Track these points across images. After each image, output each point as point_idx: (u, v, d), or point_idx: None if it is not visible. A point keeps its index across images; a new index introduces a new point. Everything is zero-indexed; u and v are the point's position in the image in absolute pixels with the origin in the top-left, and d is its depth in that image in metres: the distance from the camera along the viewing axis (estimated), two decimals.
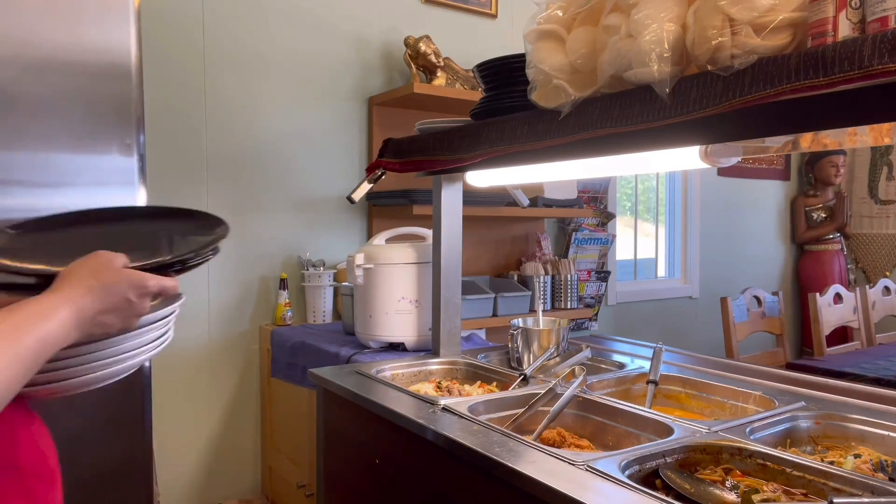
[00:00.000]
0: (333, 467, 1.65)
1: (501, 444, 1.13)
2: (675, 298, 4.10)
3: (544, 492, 0.97)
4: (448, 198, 1.80)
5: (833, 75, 0.75)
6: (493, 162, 1.35)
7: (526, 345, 1.71)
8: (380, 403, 1.41)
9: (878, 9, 0.76)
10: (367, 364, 1.75)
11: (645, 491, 0.94)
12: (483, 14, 3.17)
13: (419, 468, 1.32)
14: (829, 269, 4.40)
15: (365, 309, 2.00)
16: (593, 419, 1.38)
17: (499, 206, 2.84)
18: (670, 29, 0.91)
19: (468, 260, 3.02)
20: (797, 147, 1.15)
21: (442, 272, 1.80)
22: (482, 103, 1.41)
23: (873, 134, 1.04)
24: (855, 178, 4.69)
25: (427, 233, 2.03)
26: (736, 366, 1.69)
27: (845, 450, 1.19)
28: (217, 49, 2.52)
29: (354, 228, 2.86)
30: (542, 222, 3.35)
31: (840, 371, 2.30)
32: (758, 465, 1.08)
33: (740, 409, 1.42)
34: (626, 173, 3.59)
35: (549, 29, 1.11)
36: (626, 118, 1.00)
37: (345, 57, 2.80)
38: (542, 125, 1.15)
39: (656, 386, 1.49)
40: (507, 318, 2.52)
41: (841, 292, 3.25)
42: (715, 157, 1.10)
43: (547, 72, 1.11)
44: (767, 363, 2.41)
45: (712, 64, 0.87)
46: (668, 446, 1.11)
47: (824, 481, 0.99)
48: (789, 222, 4.62)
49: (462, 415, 1.29)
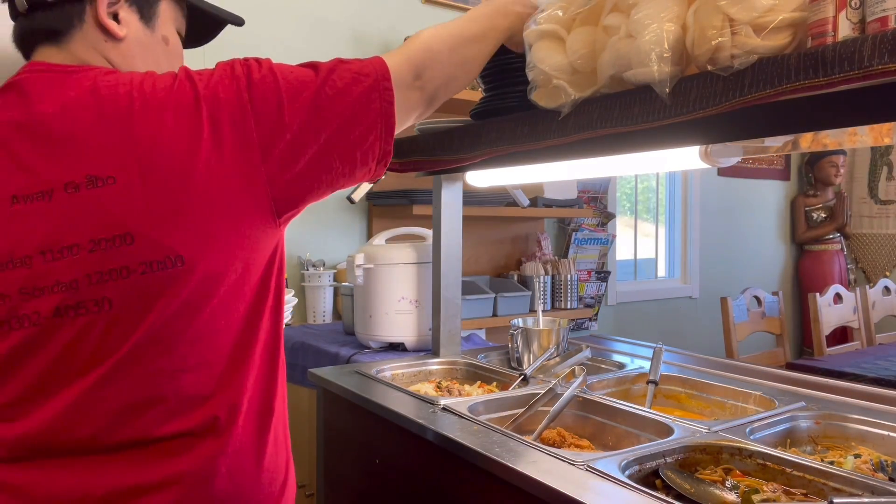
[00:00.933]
0: (333, 467, 1.65)
1: (501, 444, 1.13)
2: (675, 298, 4.09)
3: (544, 492, 0.97)
4: (448, 198, 1.80)
5: (833, 75, 0.75)
6: (493, 162, 1.36)
7: (526, 345, 1.71)
8: (380, 403, 1.41)
9: (878, 9, 0.76)
10: (367, 364, 1.75)
11: (645, 491, 0.94)
12: None
13: (419, 468, 1.32)
14: (829, 269, 4.40)
15: (365, 309, 2.00)
16: (593, 419, 1.38)
17: (499, 206, 2.84)
18: (670, 29, 0.91)
19: (468, 260, 3.02)
20: (797, 147, 1.15)
21: (442, 272, 1.80)
22: (482, 103, 1.40)
23: (873, 134, 1.04)
24: (855, 178, 4.69)
25: (427, 233, 2.03)
26: (736, 366, 1.69)
27: (845, 450, 1.19)
28: (217, 48, 2.52)
29: (354, 228, 2.86)
30: (542, 222, 3.35)
31: (840, 371, 2.30)
32: (758, 465, 1.08)
33: (740, 409, 1.42)
34: (626, 173, 3.59)
35: (549, 29, 1.11)
36: (626, 118, 1.00)
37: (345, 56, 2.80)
38: (542, 125, 1.15)
39: (656, 386, 1.49)
40: (507, 318, 2.52)
41: (841, 292, 3.25)
42: (715, 157, 1.10)
43: (547, 72, 1.11)
44: (767, 363, 2.41)
45: (712, 64, 0.87)
46: (668, 446, 1.11)
47: (824, 481, 0.99)
48: (789, 222, 4.62)
49: (462, 415, 1.30)
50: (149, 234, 0.78)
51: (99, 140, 0.79)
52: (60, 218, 0.77)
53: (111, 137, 0.79)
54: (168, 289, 0.79)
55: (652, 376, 1.50)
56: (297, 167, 0.86)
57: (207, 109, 0.82)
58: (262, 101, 0.84)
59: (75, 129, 0.80)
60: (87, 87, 0.82)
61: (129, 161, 0.78)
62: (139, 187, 0.78)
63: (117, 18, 0.89)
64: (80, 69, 0.86)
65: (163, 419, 0.81)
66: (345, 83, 0.91)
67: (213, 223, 0.81)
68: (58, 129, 0.80)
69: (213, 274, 0.81)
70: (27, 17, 0.88)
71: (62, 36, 0.87)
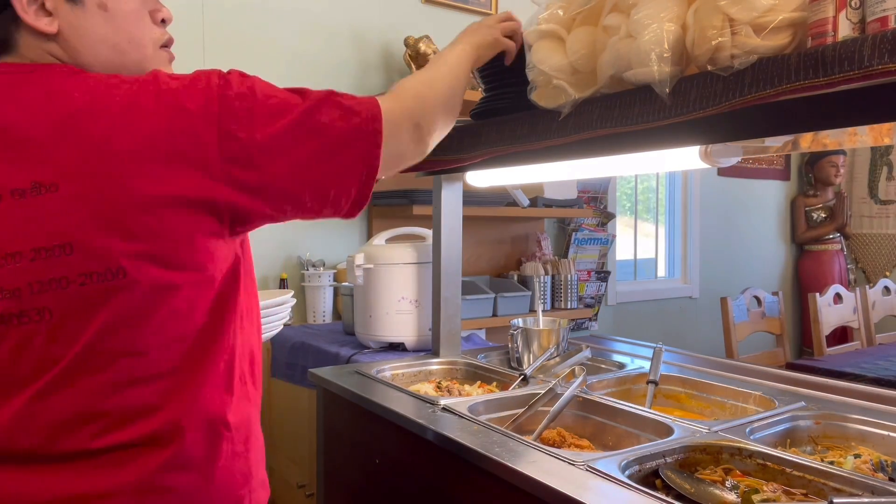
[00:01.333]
0: (333, 467, 1.65)
1: (501, 444, 1.13)
2: (675, 298, 4.09)
3: (544, 492, 0.97)
4: (448, 198, 1.80)
5: (833, 75, 0.75)
6: (493, 162, 1.36)
7: (526, 345, 1.71)
8: (380, 403, 1.41)
9: (878, 9, 0.76)
10: (367, 364, 1.75)
11: (645, 491, 0.94)
12: (483, 14, 3.17)
13: (419, 468, 1.32)
14: (829, 269, 4.40)
15: (365, 309, 2.00)
16: (593, 419, 1.38)
17: (499, 206, 2.84)
18: (670, 29, 0.91)
19: (468, 260, 3.01)
20: (797, 147, 1.15)
21: (442, 272, 1.80)
22: (482, 103, 1.41)
23: (873, 134, 1.04)
24: (855, 178, 4.69)
25: (427, 233, 2.03)
26: (736, 366, 1.69)
27: (845, 450, 1.19)
28: (217, 48, 2.52)
29: (354, 228, 2.86)
30: (542, 222, 3.35)
31: (840, 371, 2.30)
32: (758, 465, 1.08)
33: (740, 409, 1.42)
34: (626, 173, 3.59)
35: (549, 29, 1.11)
36: (626, 118, 1.00)
37: (345, 57, 2.80)
38: (542, 125, 1.15)
39: (656, 386, 1.49)
40: (507, 318, 2.52)
41: (841, 292, 3.25)
42: (715, 157, 1.10)
43: (547, 72, 1.11)
44: (767, 363, 2.41)
45: (712, 64, 0.87)
46: (668, 446, 1.11)
47: (824, 481, 0.99)
48: (789, 222, 4.62)
49: (462, 415, 1.30)
50: (89, 244, 0.76)
51: (47, 145, 0.77)
52: (4, 225, 0.76)
53: (58, 143, 0.76)
54: (109, 301, 0.77)
55: (652, 376, 1.50)
56: (261, 188, 0.83)
57: (166, 118, 0.79)
58: (231, 116, 0.81)
59: (30, 133, 0.77)
60: (44, 90, 0.79)
61: (72, 168, 0.76)
62: (80, 195, 0.75)
63: (46, 11, 0.82)
64: (39, 67, 0.82)
65: (104, 431, 0.79)
66: (331, 118, 0.87)
67: (161, 236, 0.78)
68: (12, 132, 0.77)
69: (157, 287, 0.78)
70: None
71: (9, 45, 0.84)
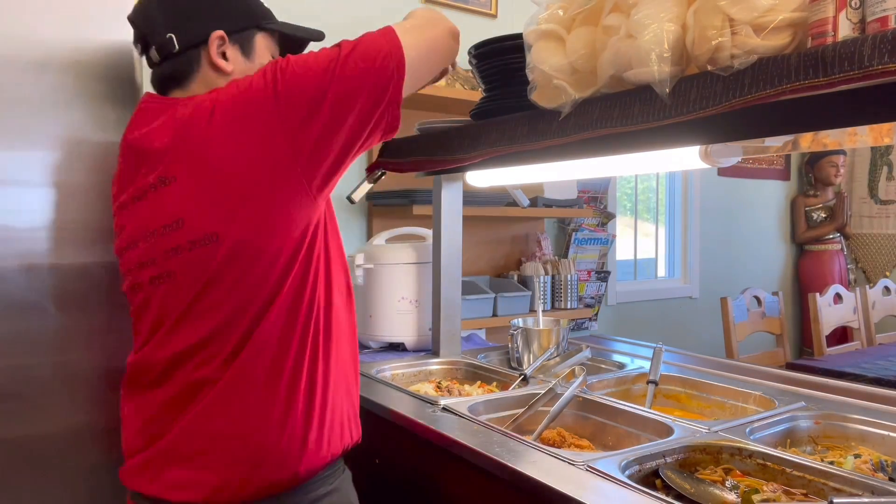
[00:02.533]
0: None
1: (501, 444, 1.13)
2: (675, 298, 4.09)
3: (544, 492, 0.97)
4: (448, 198, 1.80)
5: (833, 75, 0.74)
6: (493, 162, 1.36)
7: (526, 345, 1.71)
8: (380, 403, 1.41)
9: (878, 9, 0.76)
10: (367, 364, 1.75)
11: (645, 491, 0.94)
12: (483, 14, 3.17)
13: (419, 468, 1.32)
14: (829, 269, 4.39)
15: (365, 309, 2.00)
16: (593, 419, 1.38)
17: (499, 206, 2.83)
18: (670, 29, 0.91)
19: (468, 260, 3.01)
20: (797, 147, 1.15)
21: (442, 272, 1.80)
22: (482, 103, 1.41)
23: (873, 134, 1.04)
24: (855, 178, 4.69)
25: (427, 233, 2.03)
26: (736, 366, 1.70)
27: (845, 450, 1.19)
28: None
29: (354, 228, 2.86)
30: (542, 222, 3.35)
31: (840, 371, 2.30)
32: (758, 465, 1.08)
33: (740, 409, 1.42)
34: (626, 173, 3.59)
35: (549, 29, 1.11)
36: (626, 118, 1.00)
37: None
38: (542, 125, 1.15)
39: (656, 386, 1.49)
40: (507, 318, 2.52)
41: (841, 292, 3.25)
42: (715, 157, 1.10)
43: (547, 72, 1.11)
44: (767, 363, 2.41)
45: (712, 64, 0.87)
46: (668, 446, 1.11)
47: (824, 481, 0.99)
48: (789, 222, 4.62)
49: (462, 415, 1.30)
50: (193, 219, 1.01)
51: (168, 149, 1.03)
52: (148, 211, 1.05)
53: (176, 145, 1.02)
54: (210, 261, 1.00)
55: (652, 376, 1.50)
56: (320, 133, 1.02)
57: (242, 106, 1.01)
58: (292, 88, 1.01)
59: (154, 145, 1.05)
60: (170, 114, 1.05)
61: (184, 161, 1.02)
62: (189, 181, 1.01)
63: (225, 57, 1.10)
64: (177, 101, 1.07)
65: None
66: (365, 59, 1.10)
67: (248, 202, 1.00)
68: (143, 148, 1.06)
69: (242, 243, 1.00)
70: (159, 65, 1.11)
71: (185, 80, 1.10)
